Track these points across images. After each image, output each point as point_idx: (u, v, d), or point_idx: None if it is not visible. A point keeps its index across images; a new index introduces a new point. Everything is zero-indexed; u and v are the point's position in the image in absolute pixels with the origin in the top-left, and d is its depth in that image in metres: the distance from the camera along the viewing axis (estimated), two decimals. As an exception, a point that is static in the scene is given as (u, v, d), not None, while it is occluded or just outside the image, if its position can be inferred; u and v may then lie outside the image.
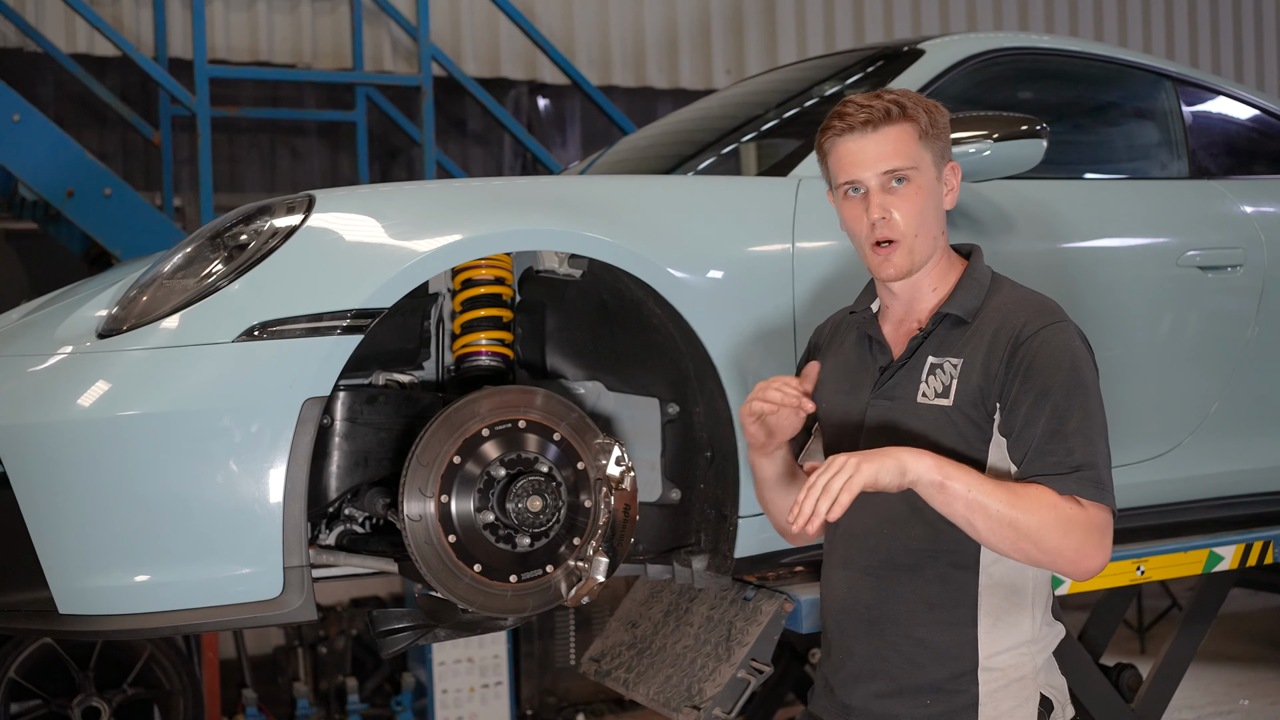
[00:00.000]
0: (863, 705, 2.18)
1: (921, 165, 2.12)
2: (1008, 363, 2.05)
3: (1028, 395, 2.02)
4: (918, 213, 2.11)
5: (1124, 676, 3.42)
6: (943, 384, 2.10)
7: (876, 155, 2.11)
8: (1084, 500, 1.99)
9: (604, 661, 3.16)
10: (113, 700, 4.77)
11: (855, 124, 2.12)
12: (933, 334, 2.15)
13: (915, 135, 2.12)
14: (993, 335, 2.08)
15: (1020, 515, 1.96)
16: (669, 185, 2.94)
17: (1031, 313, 2.09)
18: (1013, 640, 2.13)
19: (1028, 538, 1.96)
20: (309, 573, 2.26)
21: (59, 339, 2.37)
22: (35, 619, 2.29)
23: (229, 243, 2.37)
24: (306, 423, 2.23)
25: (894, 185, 2.11)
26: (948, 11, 8.49)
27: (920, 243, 2.12)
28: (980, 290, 2.15)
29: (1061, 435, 2.00)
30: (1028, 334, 2.05)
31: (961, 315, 2.12)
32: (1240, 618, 7.15)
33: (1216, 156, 3.62)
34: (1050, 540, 1.97)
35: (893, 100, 2.12)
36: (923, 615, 2.13)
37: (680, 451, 2.75)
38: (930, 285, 2.17)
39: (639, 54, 7.72)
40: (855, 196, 2.14)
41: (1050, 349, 2.04)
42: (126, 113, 6.46)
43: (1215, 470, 3.33)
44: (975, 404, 2.07)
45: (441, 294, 2.72)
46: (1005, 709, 2.11)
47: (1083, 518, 1.98)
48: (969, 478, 1.97)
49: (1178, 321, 3.26)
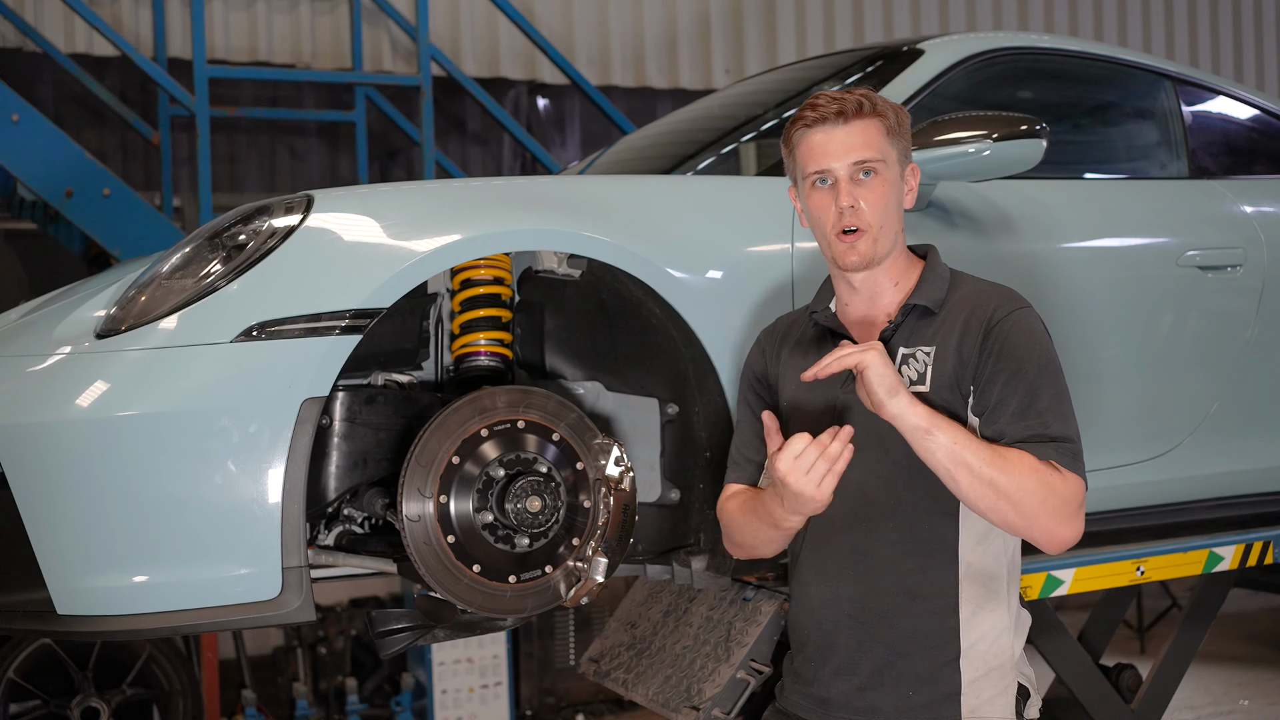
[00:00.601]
0: (843, 698, 2.20)
1: (888, 160, 2.18)
2: (981, 345, 2.10)
3: (1000, 374, 2.08)
4: (883, 205, 2.16)
5: (1124, 677, 3.42)
6: (917, 372, 2.15)
7: (847, 146, 2.15)
8: (1061, 468, 2.03)
9: (603, 662, 3.16)
10: (112, 701, 4.77)
11: (828, 115, 2.16)
12: (902, 325, 2.19)
13: (883, 131, 2.17)
14: (964, 321, 2.13)
15: (1001, 476, 1.99)
16: (668, 185, 2.94)
17: (1000, 299, 2.15)
18: (991, 627, 2.17)
19: (1007, 498, 2.00)
20: (308, 573, 2.26)
21: (57, 339, 2.36)
22: (33, 619, 2.29)
23: (227, 243, 2.37)
24: (305, 423, 2.23)
25: (862, 177, 2.16)
26: (947, 11, 8.49)
27: (884, 234, 2.17)
28: (943, 284, 2.21)
29: (1036, 411, 2.06)
30: (999, 317, 2.11)
31: (929, 305, 2.18)
32: (1240, 618, 7.16)
33: (1216, 156, 3.62)
34: (1029, 503, 2.00)
35: (863, 95, 2.18)
36: (905, 605, 2.16)
37: (679, 452, 2.75)
38: (891, 281, 2.22)
39: (638, 54, 7.72)
40: (823, 187, 2.19)
41: (1020, 330, 2.10)
42: (126, 113, 6.46)
43: (1215, 470, 3.33)
44: (951, 388, 2.12)
45: (440, 294, 2.72)
46: (986, 697, 2.15)
47: (1061, 485, 2.02)
48: (955, 431, 2.01)
49: (1177, 321, 3.26)
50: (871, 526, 2.17)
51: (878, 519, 2.16)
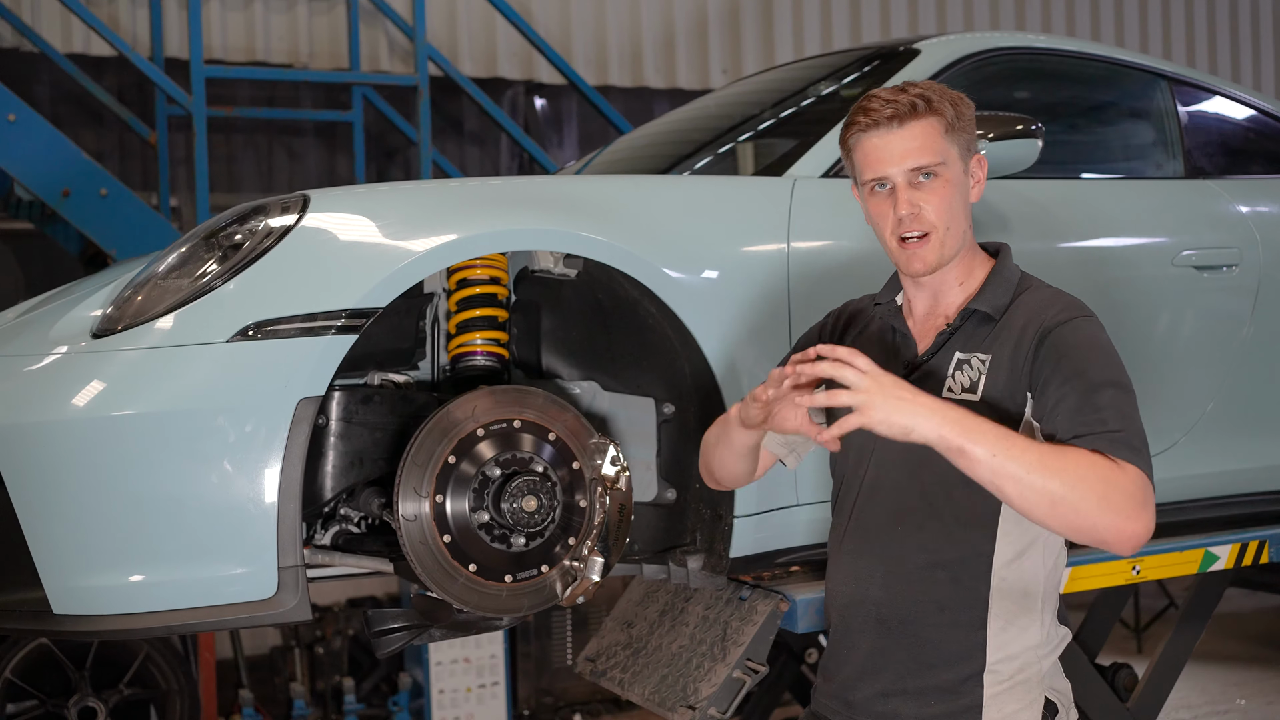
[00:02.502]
0: (865, 703, 2.15)
1: (948, 159, 2.09)
2: (1035, 351, 2.01)
3: (1058, 374, 1.98)
4: (946, 206, 2.08)
5: (1120, 676, 3.42)
6: (970, 379, 2.07)
7: (903, 151, 2.07)
8: (1120, 461, 1.89)
9: (600, 661, 3.16)
10: (109, 700, 4.76)
11: (881, 119, 2.08)
12: (960, 329, 2.12)
13: (941, 129, 2.09)
14: (1020, 330, 2.05)
15: (1052, 480, 1.85)
16: (665, 185, 2.94)
17: (1060, 306, 2.06)
18: (1021, 645, 2.10)
19: (1063, 502, 1.85)
20: (304, 573, 2.26)
21: (54, 339, 2.37)
22: (30, 619, 2.29)
23: (224, 242, 2.37)
24: (301, 422, 2.23)
25: (921, 180, 2.08)
26: (944, 11, 8.49)
27: (950, 236, 2.09)
28: (1009, 288, 2.13)
29: (1094, 406, 1.93)
30: (1056, 323, 2.02)
31: (990, 312, 2.10)
32: (1236, 617, 7.16)
33: (1212, 156, 3.63)
34: (1087, 504, 1.85)
35: (918, 94, 2.09)
36: (933, 616, 2.10)
37: (676, 451, 2.75)
38: (956, 280, 2.14)
39: (635, 54, 7.72)
40: (881, 192, 2.11)
41: (1080, 335, 2.01)
42: (123, 113, 6.46)
43: (1211, 470, 3.34)
44: (1005, 398, 2.04)
45: (437, 294, 2.72)
46: (1009, 711, 2.09)
47: (1122, 479, 1.87)
48: (994, 441, 1.86)
49: (1173, 321, 3.26)
50: (905, 534, 2.11)
51: (912, 527, 2.09)
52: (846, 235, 2.78)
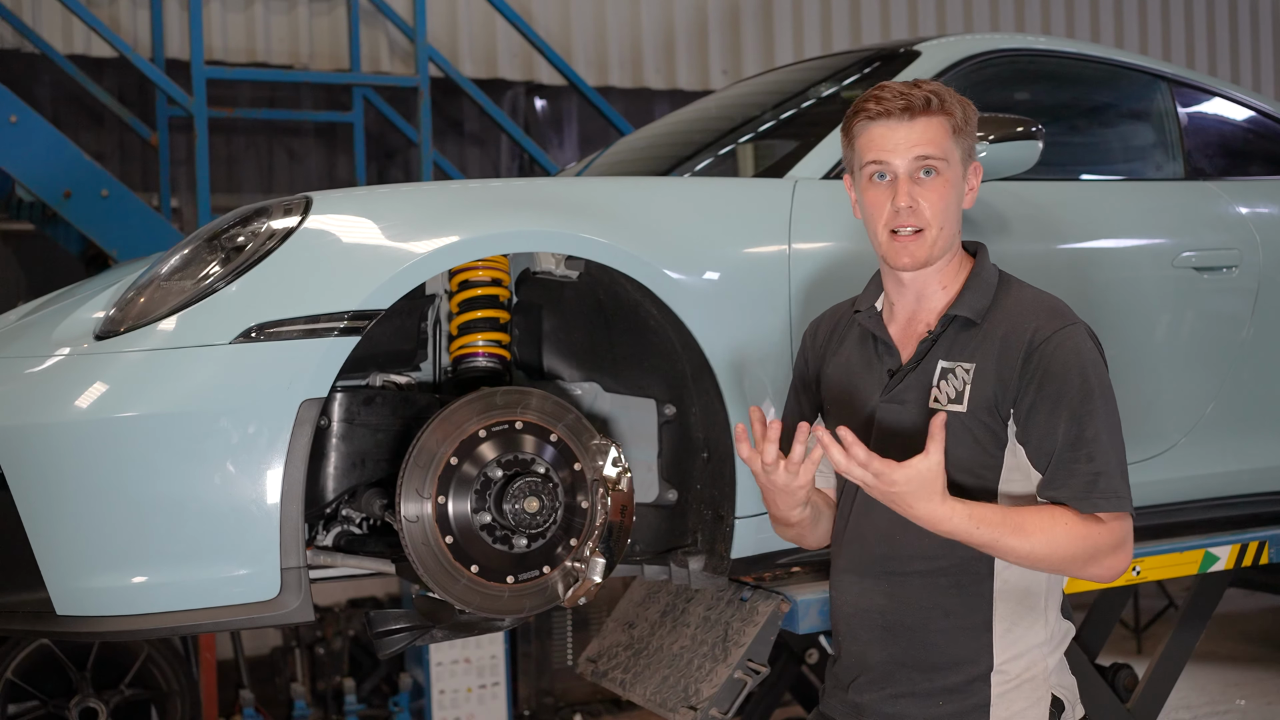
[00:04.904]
0: (874, 705, 2.18)
1: (951, 160, 2.10)
2: (1021, 370, 2.04)
3: (1044, 403, 2.02)
4: (944, 205, 2.09)
5: (1120, 676, 3.42)
6: (955, 389, 2.08)
7: (910, 142, 2.08)
8: (1105, 516, 2.02)
9: (601, 662, 3.16)
10: (110, 701, 4.76)
11: (893, 109, 2.09)
12: (942, 336, 2.13)
13: (949, 129, 2.10)
14: (1003, 340, 2.07)
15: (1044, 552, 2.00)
16: (666, 187, 2.95)
17: (1042, 317, 2.07)
18: (1027, 644, 2.13)
19: (1052, 566, 2.03)
20: (306, 574, 2.26)
21: (56, 340, 2.37)
22: (32, 620, 2.29)
23: (226, 244, 2.38)
24: (303, 424, 2.23)
25: (922, 176, 2.09)
26: (944, 13, 8.50)
27: (942, 236, 2.10)
28: (989, 290, 2.14)
29: (1081, 441, 2.01)
30: (1040, 339, 2.04)
31: (971, 316, 2.11)
32: (1236, 618, 7.16)
33: (1212, 157, 3.63)
34: (1075, 565, 2.02)
35: (931, 91, 2.10)
36: (938, 622, 2.12)
37: (677, 452, 2.76)
38: (940, 283, 2.15)
39: (636, 55, 7.72)
40: (880, 183, 2.11)
41: (1063, 354, 2.03)
42: (124, 114, 6.46)
43: (1211, 471, 3.34)
44: (990, 410, 2.06)
45: (438, 295, 2.73)
46: (1016, 709, 2.11)
47: (1105, 536, 2.02)
48: (991, 528, 1.98)
49: (1173, 322, 3.27)
50: (907, 541, 2.12)
51: (913, 535, 2.10)
52: (848, 237, 2.78)
